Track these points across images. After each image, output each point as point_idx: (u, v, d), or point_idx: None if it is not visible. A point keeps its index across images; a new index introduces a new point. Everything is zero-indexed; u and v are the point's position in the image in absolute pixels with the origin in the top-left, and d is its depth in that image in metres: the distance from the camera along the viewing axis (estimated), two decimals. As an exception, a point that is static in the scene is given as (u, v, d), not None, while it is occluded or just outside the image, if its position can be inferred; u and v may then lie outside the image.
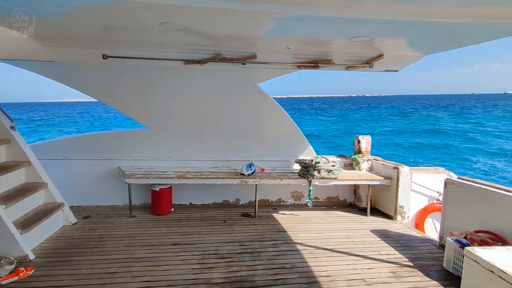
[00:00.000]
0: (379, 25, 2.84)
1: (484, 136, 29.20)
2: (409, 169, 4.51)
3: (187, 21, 2.85)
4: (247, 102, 5.11)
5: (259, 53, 4.29)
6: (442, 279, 2.93)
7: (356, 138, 5.33)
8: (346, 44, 3.65)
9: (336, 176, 4.58)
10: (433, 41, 3.58)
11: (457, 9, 2.37)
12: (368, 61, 4.48)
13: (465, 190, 3.40)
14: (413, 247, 3.63)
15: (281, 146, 5.29)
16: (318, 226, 4.30)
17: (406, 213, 4.54)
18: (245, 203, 5.19)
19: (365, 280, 2.87)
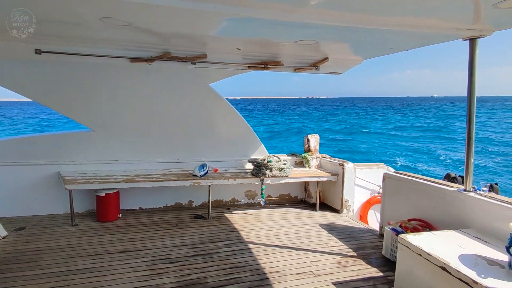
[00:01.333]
0: (322, 29, 3.00)
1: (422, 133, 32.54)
2: (353, 165, 4.83)
3: (130, 17, 2.73)
4: (199, 102, 5.04)
5: (209, 53, 4.26)
6: (381, 265, 3.20)
7: (306, 137, 5.57)
8: (293, 46, 3.79)
9: (288, 174, 4.73)
10: (370, 47, 3.87)
11: (387, 18, 2.60)
12: (314, 64, 4.70)
13: (400, 183, 3.75)
14: (357, 237, 3.91)
15: (234, 146, 5.31)
16: (270, 223, 4.41)
17: (351, 207, 4.87)
18: (199, 205, 5.12)
19: (313, 272, 3.02)
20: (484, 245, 2.43)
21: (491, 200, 2.69)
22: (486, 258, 2.23)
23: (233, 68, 4.83)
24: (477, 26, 2.76)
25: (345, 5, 2.32)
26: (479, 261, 2.18)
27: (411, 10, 2.40)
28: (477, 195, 2.82)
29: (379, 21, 2.66)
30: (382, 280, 2.92)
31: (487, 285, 1.89)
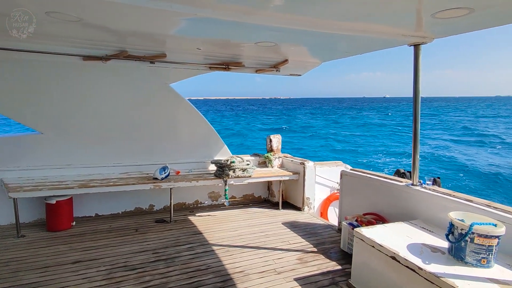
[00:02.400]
0: (281, 32, 3.07)
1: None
2: (313, 164, 5.01)
3: (80, 12, 2.57)
4: (159, 103, 4.90)
5: (169, 52, 4.16)
6: (340, 258, 3.35)
7: (268, 138, 5.66)
8: (253, 48, 3.83)
9: (251, 174, 4.77)
10: (327, 50, 4.05)
11: (341, 23, 2.74)
12: (275, 65, 4.80)
13: (356, 180, 3.96)
14: (317, 233, 4.06)
15: (196, 147, 5.24)
16: (234, 224, 4.41)
17: (312, 204, 5.04)
18: (160, 209, 4.97)
19: (275, 270, 3.08)
20: (428, 234, 2.65)
21: (434, 192, 2.95)
22: (430, 246, 2.44)
23: (194, 68, 4.76)
24: (420, 33, 3.01)
25: (302, 10, 2.40)
26: (424, 249, 2.38)
27: (363, 16, 2.55)
28: (423, 189, 3.08)
29: (334, 26, 2.79)
30: (340, 272, 3.06)
31: (430, 271, 2.07)
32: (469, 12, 2.29)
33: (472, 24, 2.65)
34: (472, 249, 2.13)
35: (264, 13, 2.50)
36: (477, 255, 2.12)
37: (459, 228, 2.19)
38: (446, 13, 2.33)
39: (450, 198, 2.78)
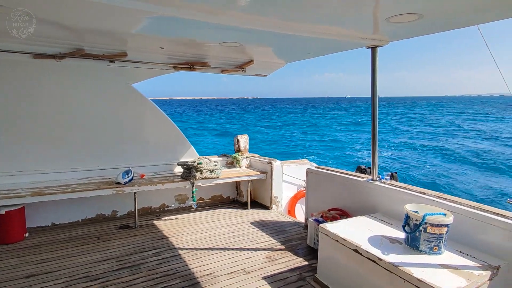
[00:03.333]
0: (245, 33, 3.08)
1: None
2: (280, 163, 5.09)
3: (29, 6, 2.39)
4: (121, 104, 4.69)
5: (130, 51, 4.00)
6: (306, 254, 3.44)
7: (236, 138, 5.65)
8: (218, 48, 3.81)
9: (218, 175, 4.73)
10: (291, 51, 4.13)
11: (304, 25, 2.81)
12: (241, 66, 4.81)
13: (321, 177, 4.09)
14: (285, 231, 4.13)
15: (161, 149, 5.09)
16: (202, 226, 4.35)
17: (280, 202, 5.12)
18: (124, 214, 4.76)
19: (244, 270, 3.09)
20: (387, 226, 2.81)
21: (392, 187, 3.13)
22: (389, 237, 2.59)
23: (157, 68, 4.63)
24: (376, 36, 3.17)
25: (266, 11, 2.43)
26: (383, 241, 2.52)
27: (324, 19, 2.64)
28: (381, 184, 3.25)
29: (297, 28, 2.85)
30: (307, 268, 3.14)
31: (389, 261, 2.19)
32: (418, 17, 2.45)
33: (422, 29, 2.84)
34: (425, 238, 2.29)
35: (228, 14, 2.49)
36: (429, 243, 2.28)
37: (414, 219, 2.34)
38: (398, 18, 2.48)
39: (406, 192, 2.96)
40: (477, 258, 2.22)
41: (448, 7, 2.25)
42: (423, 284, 1.95)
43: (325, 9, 2.36)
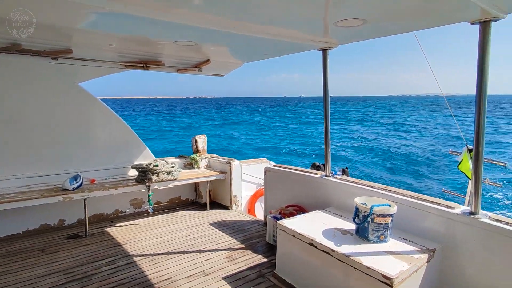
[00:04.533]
0: (200, 32, 3.04)
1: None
2: (239, 162, 5.11)
3: None
4: (67, 104, 4.36)
5: (75, 48, 3.73)
6: (266, 251, 3.51)
7: (193, 138, 5.56)
8: (173, 47, 3.71)
9: (176, 177, 4.62)
10: (247, 51, 4.16)
11: (258, 26, 2.85)
12: (197, 65, 4.73)
13: (278, 175, 4.19)
14: (245, 230, 4.17)
15: (113, 152, 4.83)
16: (160, 230, 4.21)
17: (240, 201, 5.14)
18: (73, 223, 4.43)
19: (204, 271, 3.06)
20: (340, 219, 2.97)
21: (343, 181, 3.32)
22: (341, 229, 2.74)
23: (107, 66, 4.38)
24: (327, 39, 3.34)
25: (220, 11, 2.42)
26: (336, 233, 2.66)
27: (278, 21, 2.70)
28: (334, 179, 3.43)
29: (252, 28, 2.88)
30: (267, 264, 3.21)
31: (341, 252, 2.32)
32: (363, 23, 2.63)
33: (367, 33, 3.05)
34: (373, 228, 2.46)
35: (181, 12, 2.44)
36: (377, 233, 2.46)
37: (363, 211, 2.51)
38: (345, 22, 2.63)
39: (356, 186, 3.16)
40: (417, 243, 2.44)
41: (388, 14, 2.44)
42: (371, 271, 2.10)
43: (276, 11, 2.42)
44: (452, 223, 2.42)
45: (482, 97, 2.24)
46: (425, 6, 2.17)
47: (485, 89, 2.24)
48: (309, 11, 2.42)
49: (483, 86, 2.24)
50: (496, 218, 2.26)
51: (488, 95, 2.27)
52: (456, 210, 2.45)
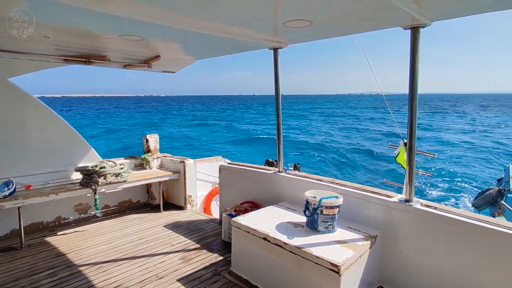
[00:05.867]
0: (147, 26, 2.91)
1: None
2: (193, 161, 5.02)
3: None
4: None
5: (3, 39, 3.33)
6: (222, 249, 3.51)
7: (144, 138, 5.32)
8: (119, 41, 3.50)
9: (126, 179, 4.39)
10: (199, 48, 4.09)
11: (210, 23, 2.81)
12: (146, 61, 4.53)
13: (233, 172, 4.20)
14: (200, 229, 4.12)
15: (54, 154, 4.42)
16: (108, 236, 3.97)
17: (195, 201, 5.06)
18: (6, 234, 3.97)
19: (157, 275, 2.96)
20: (292, 213, 3.08)
21: (295, 176, 3.45)
22: (293, 222, 2.85)
23: (42, 60, 3.98)
24: (277, 39, 3.42)
25: (167, 5, 2.34)
26: (288, 226, 2.76)
27: (229, 19, 2.69)
28: (286, 174, 3.54)
29: (202, 25, 2.84)
30: (223, 262, 3.21)
31: (293, 244, 2.41)
32: (309, 24, 2.74)
33: (314, 34, 3.18)
34: (322, 219, 2.60)
35: (126, 4, 2.31)
36: (325, 224, 2.60)
37: (312, 203, 2.63)
38: (293, 23, 2.72)
39: (307, 180, 3.30)
40: (361, 231, 2.64)
41: (332, 17, 2.58)
42: (321, 260, 2.21)
43: (226, 8, 2.42)
44: (391, 211, 2.65)
45: (414, 95, 2.48)
46: (364, 11, 2.33)
47: (416, 88, 2.48)
48: (259, 11, 2.46)
49: (414, 85, 2.47)
50: (427, 204, 2.54)
51: (435, 94, 2.52)
52: (393, 198, 2.69)
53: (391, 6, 2.13)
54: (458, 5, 2.15)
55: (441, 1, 2.08)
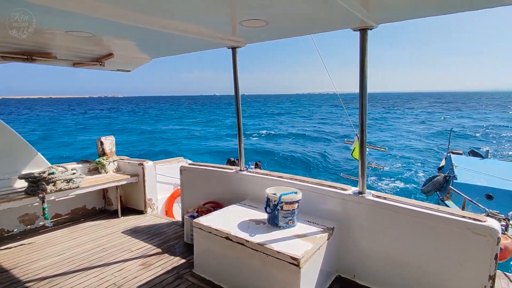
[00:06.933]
0: (98, 22, 2.75)
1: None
2: (152, 163, 4.85)
3: None
4: None
5: None
6: (184, 252, 3.43)
7: (99, 140, 5.03)
8: (66, 37, 3.26)
9: (78, 185, 4.11)
10: (155, 47, 3.96)
11: (165, 21, 2.73)
12: (98, 59, 4.28)
13: (195, 173, 4.13)
14: (162, 233, 3.99)
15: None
16: (59, 247, 3.69)
17: (155, 204, 4.89)
18: None
19: (115, 284, 2.82)
20: (254, 211, 3.11)
21: (256, 174, 3.48)
22: (255, 220, 2.88)
23: None
24: (235, 38, 3.42)
25: (120, 2, 2.23)
26: (250, 224, 2.78)
27: (185, 17, 2.63)
28: (248, 173, 3.57)
29: (157, 23, 2.74)
30: (185, 265, 3.14)
31: (255, 241, 2.44)
32: (265, 24, 2.78)
33: (271, 34, 3.24)
34: (283, 215, 2.66)
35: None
36: (286, 219, 2.67)
37: (273, 200, 2.68)
38: (249, 22, 2.74)
39: (268, 177, 3.35)
40: (319, 224, 2.74)
41: (287, 18, 2.65)
42: (281, 255, 2.27)
43: (182, 6, 2.37)
44: (346, 203, 2.79)
45: (364, 93, 2.63)
46: (316, 13, 2.43)
47: (366, 86, 2.63)
48: (215, 10, 2.44)
49: (364, 84, 2.62)
50: (378, 195, 2.71)
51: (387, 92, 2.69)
52: (348, 191, 2.83)
53: (342, 9, 2.24)
54: (400, 10, 2.32)
55: (385, 6, 2.23)
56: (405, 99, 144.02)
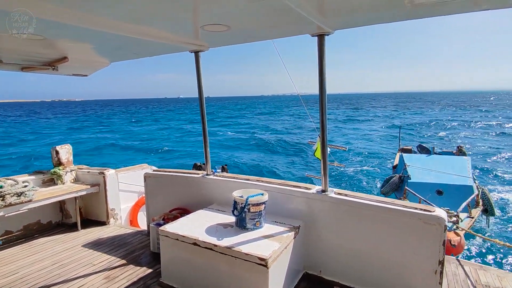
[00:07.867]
0: (49, 25, 2.59)
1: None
2: (114, 172, 4.64)
3: None
4: None
5: None
6: (150, 261, 3.33)
7: (54, 149, 4.72)
8: (13, 40, 3.03)
9: (31, 198, 3.81)
10: (114, 51, 3.81)
11: (121, 24, 2.64)
12: (50, 63, 4.02)
13: (160, 180, 4.03)
14: (126, 243, 3.84)
15: None
16: (12, 266, 3.39)
17: (118, 214, 4.69)
18: None
19: (76, 300, 2.67)
20: (222, 214, 3.11)
21: (223, 178, 3.49)
22: (223, 224, 2.88)
23: None
24: (197, 42, 3.41)
25: (71, 2, 2.13)
26: (218, 228, 2.78)
27: (145, 21, 2.57)
28: (215, 177, 3.56)
29: (115, 26, 2.65)
30: (152, 275, 3.05)
31: (223, 245, 2.45)
32: (227, 29, 2.81)
33: (233, 39, 3.27)
34: (250, 217, 2.70)
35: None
36: (253, 221, 2.70)
37: (240, 203, 2.71)
38: (211, 27, 2.76)
39: (235, 180, 3.37)
40: (286, 224, 2.82)
41: (248, 23, 2.70)
42: (250, 256, 2.30)
43: (141, 10, 2.32)
44: (310, 202, 2.90)
45: (323, 94, 2.75)
46: (276, 20, 2.50)
47: (325, 87, 2.76)
48: (176, 14, 2.42)
49: (323, 86, 2.75)
50: (339, 193, 2.85)
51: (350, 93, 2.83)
52: (312, 190, 2.94)
53: (300, 16, 2.34)
54: (353, 17, 2.47)
55: (339, 14, 2.37)
56: (366, 99, 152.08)
